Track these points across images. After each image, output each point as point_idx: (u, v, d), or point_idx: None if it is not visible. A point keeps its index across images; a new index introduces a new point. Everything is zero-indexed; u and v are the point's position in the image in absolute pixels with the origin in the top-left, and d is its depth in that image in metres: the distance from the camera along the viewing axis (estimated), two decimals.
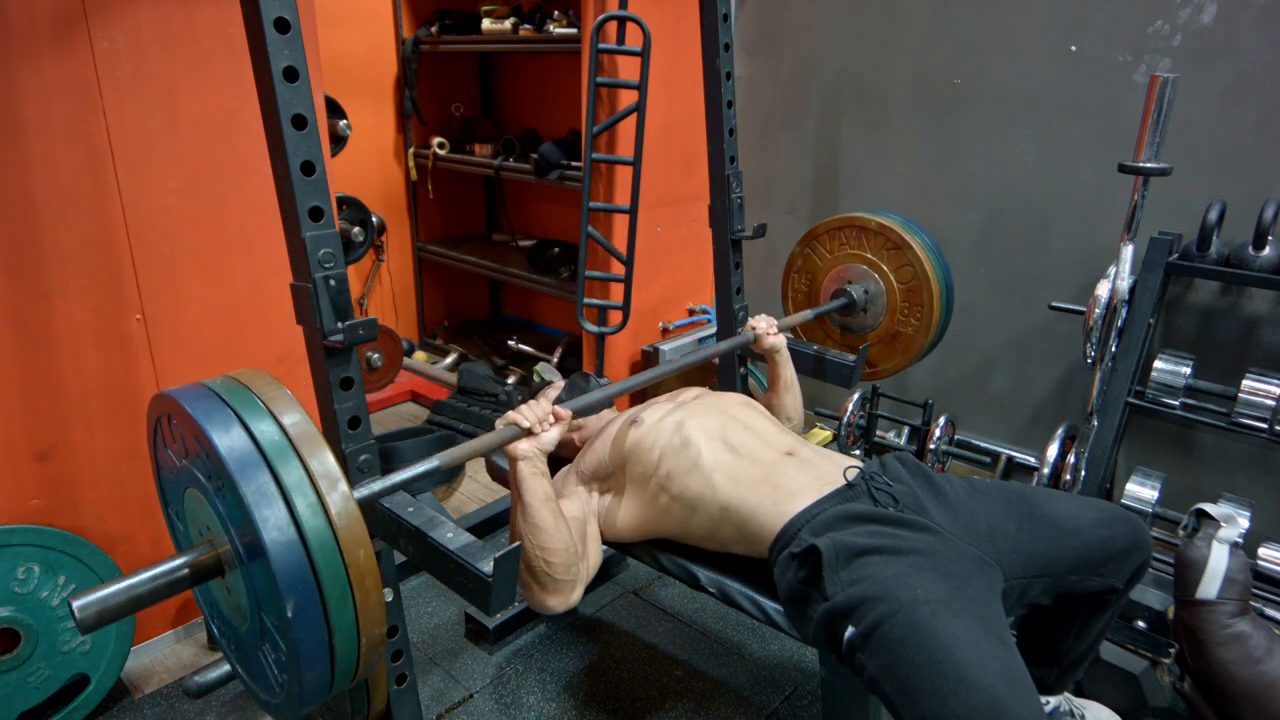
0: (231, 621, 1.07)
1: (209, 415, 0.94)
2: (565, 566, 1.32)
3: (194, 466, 1.00)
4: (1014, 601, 1.31)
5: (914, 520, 1.27)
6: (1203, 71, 2.08)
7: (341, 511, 0.93)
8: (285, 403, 0.99)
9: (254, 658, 1.04)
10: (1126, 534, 1.35)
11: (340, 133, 2.87)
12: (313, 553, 0.90)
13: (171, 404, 0.99)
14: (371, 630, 0.97)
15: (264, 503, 0.89)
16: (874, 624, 1.12)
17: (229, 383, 1.00)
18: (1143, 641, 1.79)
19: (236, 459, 0.90)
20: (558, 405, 1.38)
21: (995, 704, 1.00)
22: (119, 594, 0.93)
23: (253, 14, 1.14)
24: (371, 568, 0.96)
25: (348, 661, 0.96)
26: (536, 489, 1.31)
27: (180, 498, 1.08)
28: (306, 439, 0.96)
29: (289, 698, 0.97)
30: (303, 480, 0.92)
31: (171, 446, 1.06)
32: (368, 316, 1.27)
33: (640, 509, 1.48)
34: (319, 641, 0.92)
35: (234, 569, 0.98)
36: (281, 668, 0.96)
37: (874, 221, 1.94)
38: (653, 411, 1.58)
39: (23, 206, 1.57)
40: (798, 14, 2.83)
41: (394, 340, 3.41)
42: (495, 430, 1.33)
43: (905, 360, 2.03)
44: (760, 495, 1.37)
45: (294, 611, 0.89)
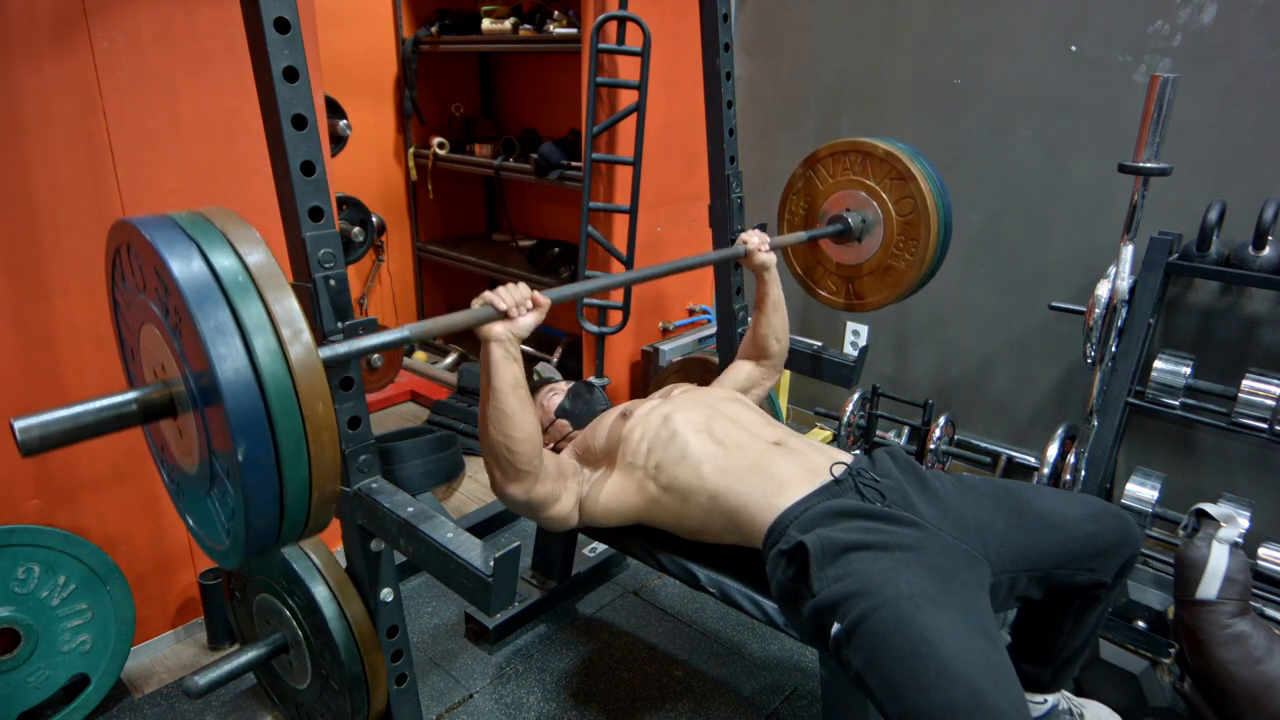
0: (181, 466, 1.03)
1: (169, 244, 0.88)
2: (528, 457, 1.34)
3: (151, 301, 0.94)
4: (1003, 596, 1.31)
5: (901, 515, 1.27)
6: (1203, 71, 2.08)
7: (302, 360, 0.88)
8: (250, 240, 0.93)
9: (202, 504, 1.00)
10: (1115, 528, 1.36)
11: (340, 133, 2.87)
12: (269, 398, 0.85)
13: (131, 232, 0.93)
14: (325, 485, 0.93)
15: (221, 340, 0.84)
16: (858, 619, 1.12)
17: (193, 216, 0.94)
18: (1143, 641, 1.79)
19: (195, 291, 0.85)
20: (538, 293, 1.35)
21: (976, 696, 1.00)
22: (64, 420, 0.89)
23: (253, 14, 1.14)
24: (329, 422, 0.91)
25: (297, 515, 0.93)
26: (506, 373, 1.30)
27: (136, 334, 1.03)
28: (270, 279, 0.90)
29: (235, 544, 0.94)
30: (263, 321, 0.87)
31: (130, 279, 1.00)
32: (368, 316, 1.27)
33: (630, 496, 1.49)
34: (269, 489, 0.88)
35: (186, 410, 0.93)
36: (229, 514, 0.93)
37: (881, 148, 1.89)
38: (642, 406, 1.59)
39: (23, 206, 1.57)
40: (798, 14, 2.83)
41: None
42: (471, 309, 1.30)
43: (893, 295, 1.98)
44: (750, 485, 1.38)
45: (245, 456, 0.85)
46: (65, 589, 1.66)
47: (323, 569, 1.42)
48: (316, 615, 1.40)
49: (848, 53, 2.75)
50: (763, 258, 1.79)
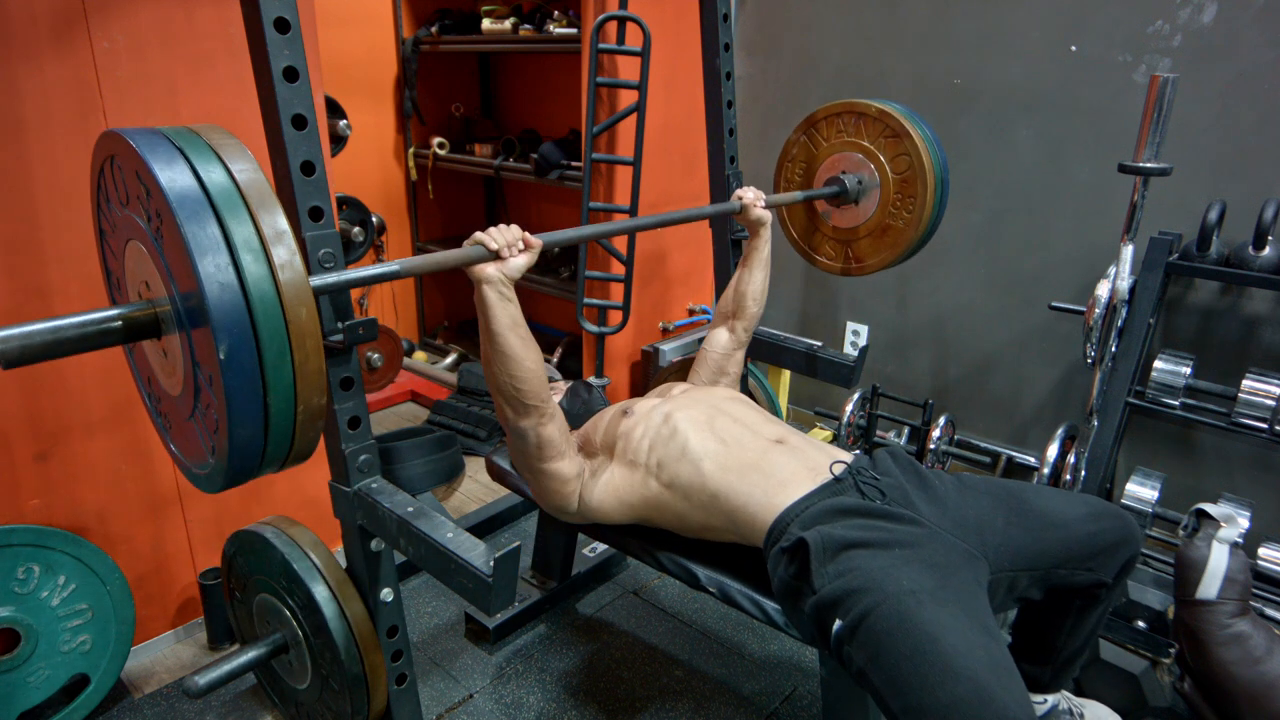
0: (167, 390, 1.02)
1: (155, 153, 0.87)
2: (534, 392, 1.36)
3: (135, 214, 0.94)
4: (1002, 595, 1.31)
5: (901, 513, 1.27)
6: (1203, 71, 2.08)
7: (286, 265, 0.88)
8: (238, 152, 0.93)
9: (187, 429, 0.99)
10: (1115, 528, 1.35)
11: (340, 133, 2.87)
12: (251, 298, 0.85)
13: (118, 142, 0.92)
14: (310, 398, 0.92)
15: (207, 248, 0.83)
16: (860, 616, 1.12)
17: (182, 130, 0.94)
18: (1143, 641, 1.79)
19: (179, 198, 0.85)
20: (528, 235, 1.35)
21: (981, 692, 1.00)
22: (44, 333, 0.88)
23: (253, 14, 1.14)
24: (314, 330, 0.91)
25: (283, 426, 0.92)
26: (502, 314, 1.31)
27: (121, 258, 1.02)
28: (255, 190, 0.90)
29: (218, 461, 0.93)
30: (250, 232, 0.87)
31: (113, 195, 1.00)
32: (368, 316, 1.27)
33: (632, 492, 1.49)
34: (252, 393, 0.87)
35: (171, 328, 0.93)
36: (213, 428, 0.92)
37: (875, 108, 1.89)
38: (643, 404, 1.59)
39: (23, 206, 1.57)
40: (798, 14, 2.83)
41: (394, 340, 3.41)
42: (462, 248, 1.29)
43: (892, 255, 1.98)
44: (751, 484, 1.38)
45: (226, 355, 0.84)
46: (65, 589, 1.66)
47: (323, 569, 1.42)
48: (316, 615, 1.40)
49: (848, 53, 2.75)
50: (759, 212, 1.80)
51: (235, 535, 1.58)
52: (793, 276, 3.07)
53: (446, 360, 3.75)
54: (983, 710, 0.98)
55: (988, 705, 0.99)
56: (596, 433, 1.58)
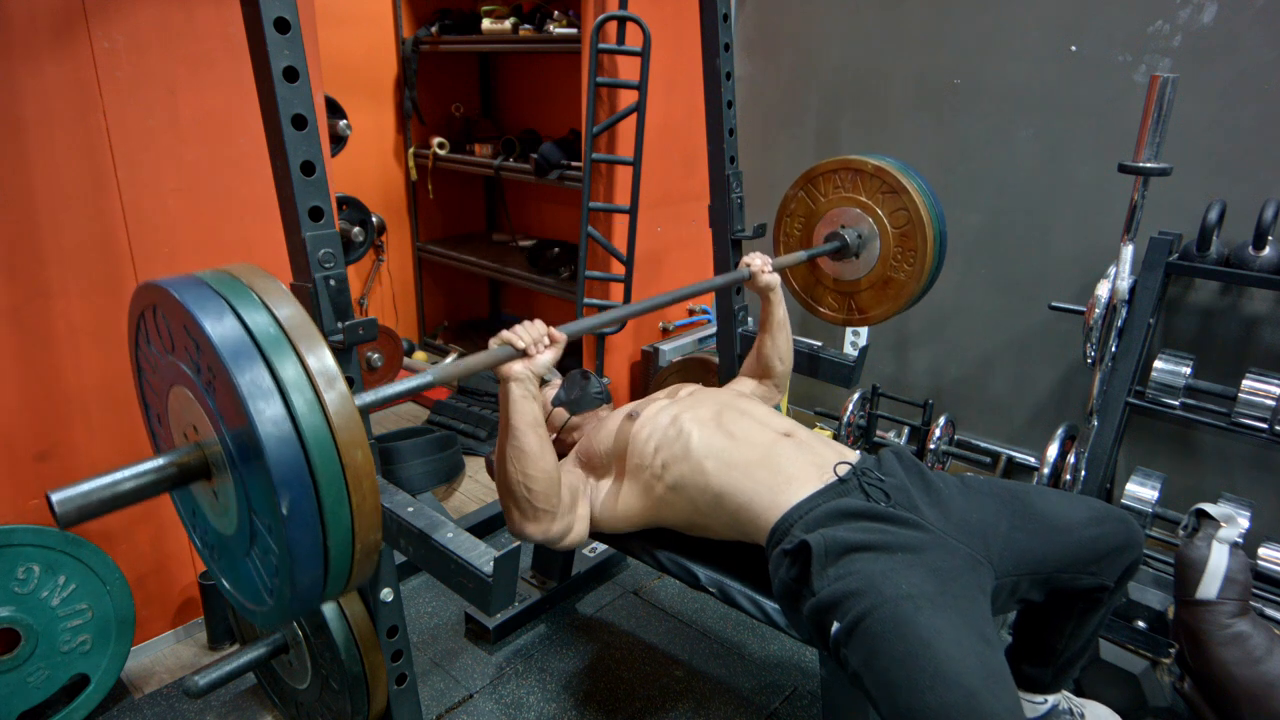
0: (217, 528, 1.03)
1: (200, 303, 0.88)
2: (546, 495, 1.34)
3: (180, 361, 0.95)
4: (1005, 598, 1.31)
5: (905, 517, 1.27)
6: (1203, 71, 2.08)
7: (340, 410, 0.88)
8: (280, 295, 0.93)
9: (241, 566, 1.00)
10: (1118, 532, 1.35)
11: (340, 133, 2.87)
12: (309, 449, 0.85)
13: (159, 293, 0.92)
14: (367, 535, 0.93)
15: (259, 395, 0.84)
16: (857, 618, 1.13)
17: (220, 274, 0.94)
18: (1143, 641, 1.79)
19: (229, 349, 0.85)
20: (554, 329, 1.36)
21: (970, 699, 1.00)
22: (102, 489, 0.89)
23: (253, 14, 1.14)
24: (369, 470, 0.92)
25: (341, 566, 0.92)
26: (526, 412, 1.30)
27: (163, 399, 1.03)
28: (303, 333, 0.90)
29: (279, 603, 0.94)
30: (300, 375, 0.87)
31: (155, 342, 1.00)
32: (368, 316, 1.27)
33: (638, 499, 1.49)
34: (313, 542, 0.88)
35: (222, 470, 0.94)
36: (272, 572, 0.93)
37: (870, 164, 1.92)
38: (650, 406, 1.59)
39: (23, 206, 1.57)
40: (798, 14, 2.83)
41: (394, 340, 3.41)
42: (489, 350, 1.30)
43: (895, 306, 2.00)
44: (756, 481, 1.37)
45: (289, 509, 0.84)
46: (65, 589, 1.66)
47: None
48: (316, 615, 1.40)
49: (848, 53, 2.75)
50: (767, 279, 1.80)
51: None
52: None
53: (446, 360, 3.75)
54: (971, 717, 0.99)
55: (977, 712, 0.99)
56: (602, 443, 1.56)
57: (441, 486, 2.71)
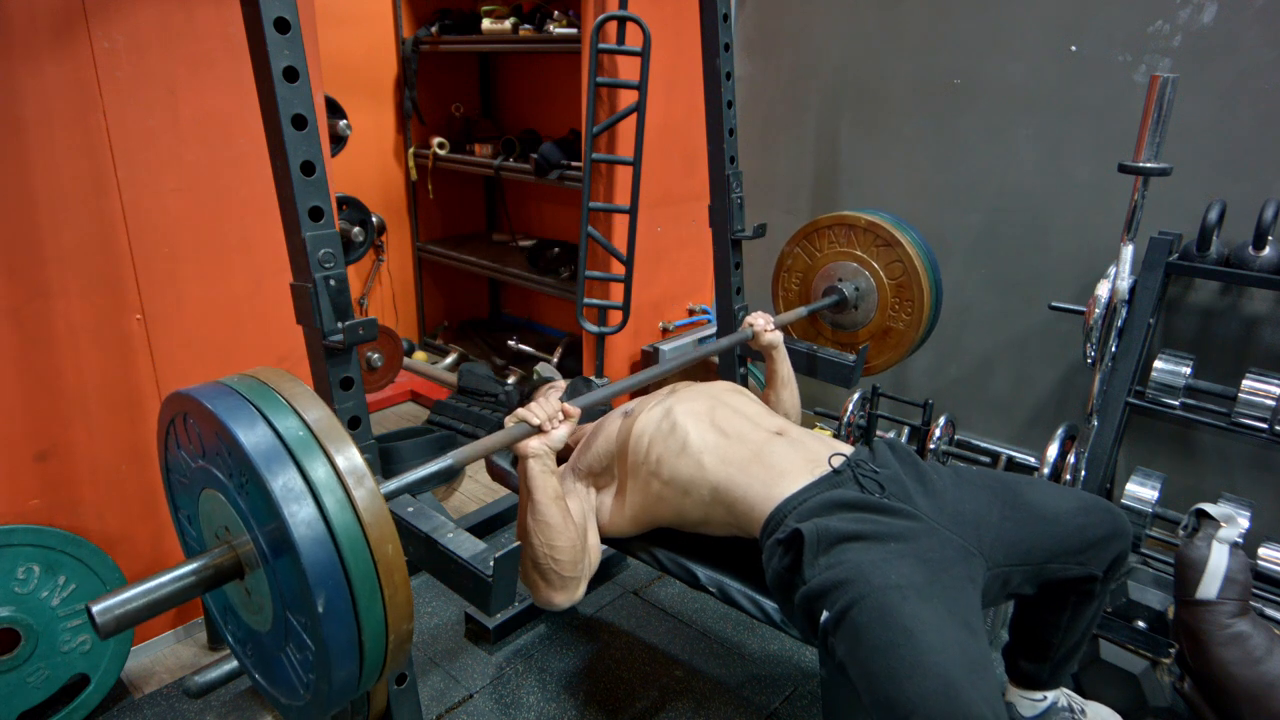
0: (250, 625, 1.06)
1: (231, 411, 0.92)
2: (572, 564, 1.35)
3: (212, 465, 0.98)
4: (996, 591, 1.32)
5: (898, 507, 1.28)
6: (1203, 71, 2.08)
7: (369, 507, 0.92)
8: (307, 399, 0.98)
9: (275, 660, 1.03)
10: (1104, 521, 1.36)
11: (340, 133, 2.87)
12: (342, 549, 0.89)
13: (190, 402, 0.97)
14: (400, 626, 0.96)
15: (292, 498, 0.87)
16: (844, 608, 1.13)
17: (247, 380, 0.99)
18: (1143, 641, 1.79)
19: (262, 454, 0.89)
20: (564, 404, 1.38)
21: (949, 688, 1.00)
22: (139, 597, 0.91)
23: (253, 14, 1.14)
24: (400, 564, 0.95)
25: (376, 658, 0.95)
26: (547, 486, 1.32)
27: (194, 500, 1.07)
28: (331, 434, 0.94)
29: (316, 698, 0.96)
30: (330, 476, 0.91)
31: (186, 447, 1.05)
32: (368, 316, 1.27)
33: (636, 499, 1.49)
34: (349, 639, 0.91)
35: (255, 570, 0.97)
36: (308, 668, 0.95)
37: (863, 219, 1.97)
38: (645, 403, 1.60)
39: (23, 206, 1.57)
40: (798, 14, 2.83)
41: (394, 340, 3.41)
42: (505, 429, 1.33)
43: (897, 356, 2.05)
44: (750, 476, 1.38)
45: (325, 608, 0.87)
46: (65, 589, 1.66)
47: None
48: None
49: (848, 53, 2.74)
50: (769, 338, 1.82)
51: None
52: None
53: (446, 360, 3.75)
54: (949, 706, 0.99)
55: (954, 701, 0.99)
56: (599, 445, 1.57)
57: (441, 486, 2.71)
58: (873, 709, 1.06)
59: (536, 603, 1.39)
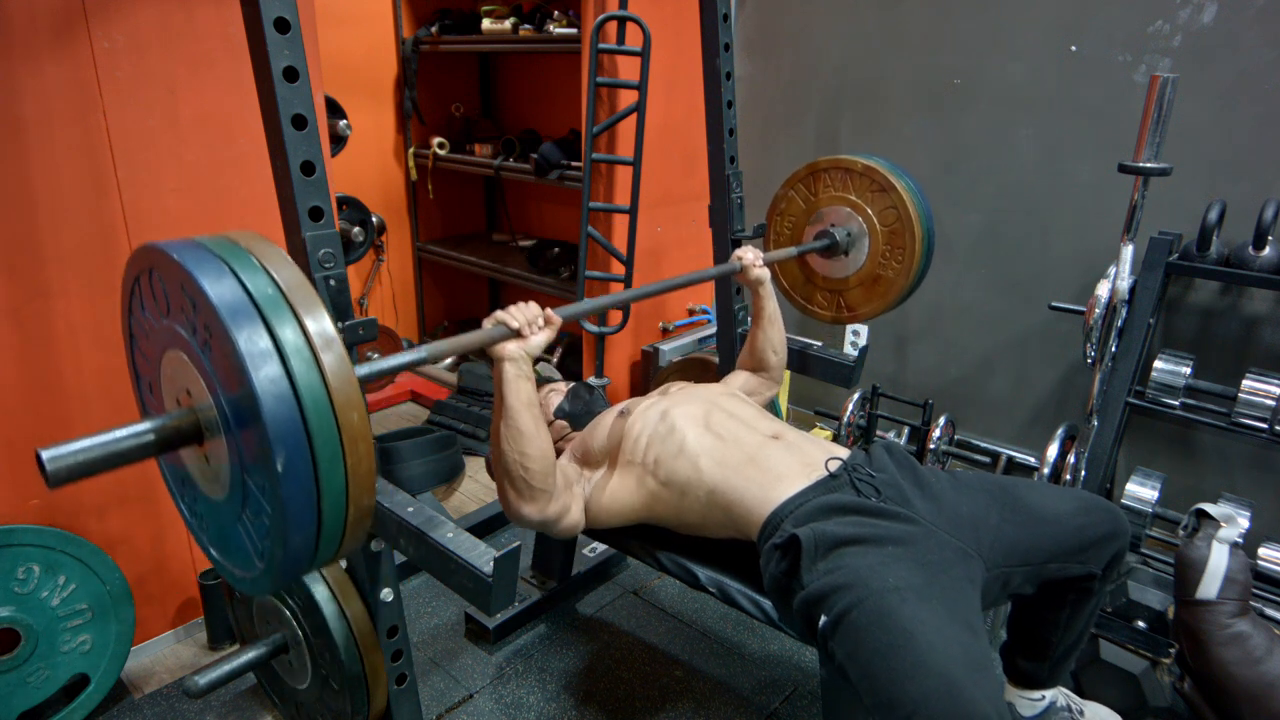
0: (207, 494, 1.03)
1: (199, 264, 0.88)
2: (543, 474, 1.34)
3: (176, 323, 0.95)
4: (996, 592, 1.32)
5: (895, 511, 1.28)
6: (1203, 71, 2.08)
7: (337, 372, 0.89)
8: (279, 259, 0.94)
9: (230, 531, 1.00)
10: (1103, 521, 1.37)
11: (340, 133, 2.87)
12: (305, 407, 0.86)
13: (158, 255, 0.93)
14: (360, 499, 0.93)
15: (257, 354, 0.84)
16: (843, 611, 1.13)
17: (219, 239, 0.95)
18: (1143, 641, 1.79)
19: (229, 307, 0.86)
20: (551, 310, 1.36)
21: (951, 688, 1.00)
22: (94, 449, 0.89)
23: (253, 14, 1.14)
24: (365, 433, 0.92)
25: (334, 527, 0.92)
26: (520, 391, 1.31)
27: (157, 365, 1.03)
28: (302, 296, 0.91)
29: (270, 566, 0.94)
30: (298, 337, 0.88)
31: (151, 305, 1.01)
32: (368, 316, 1.27)
33: (630, 494, 1.49)
34: (307, 500, 0.88)
35: (215, 434, 0.94)
36: (263, 534, 0.93)
37: (860, 163, 1.95)
38: (640, 402, 1.60)
39: (23, 206, 1.57)
40: (798, 14, 2.83)
41: (394, 340, 3.41)
42: (483, 329, 1.30)
43: (883, 304, 2.02)
44: (747, 479, 1.38)
45: (284, 467, 0.84)
46: (65, 589, 1.66)
47: (322, 569, 1.42)
48: (316, 615, 1.40)
49: (848, 53, 2.74)
50: (757, 273, 1.81)
51: None
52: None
53: (446, 360, 3.75)
54: (951, 705, 0.99)
55: (956, 700, 0.99)
56: (596, 439, 1.57)
57: (441, 486, 2.71)
58: (874, 710, 1.07)
59: (507, 515, 1.39)
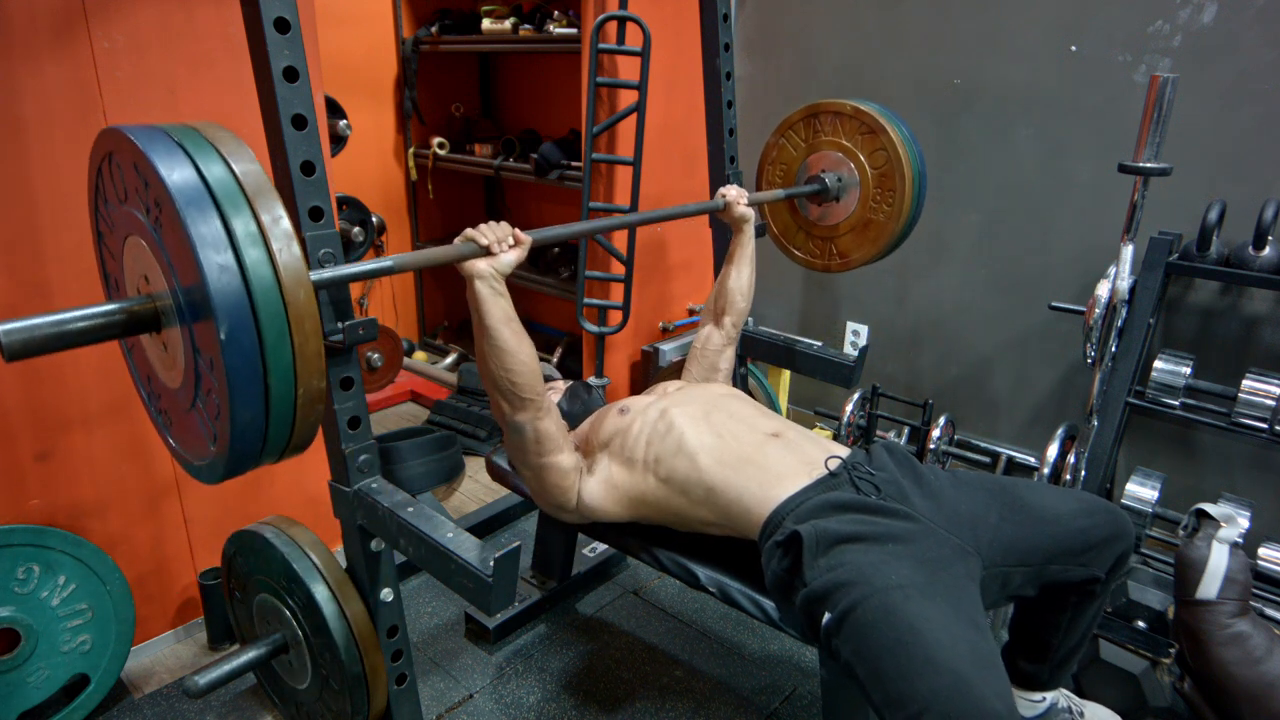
0: (165, 382, 1.04)
1: (153, 144, 0.90)
2: (529, 385, 1.38)
3: (134, 208, 0.95)
4: (996, 591, 1.32)
5: (895, 508, 1.28)
6: (1203, 71, 2.08)
7: (284, 250, 0.90)
8: (234, 145, 0.94)
9: (187, 420, 1.01)
10: (1107, 523, 1.36)
11: (340, 133, 2.87)
12: (251, 284, 0.87)
13: (116, 138, 0.94)
14: (309, 380, 0.94)
15: (206, 234, 0.85)
16: (848, 609, 1.13)
17: (181, 126, 0.96)
18: (1143, 641, 1.79)
19: (177, 186, 0.87)
20: (518, 230, 1.38)
21: (960, 683, 1.00)
22: (48, 326, 0.92)
23: (253, 14, 1.14)
24: (312, 313, 0.93)
25: (283, 410, 0.93)
26: (495, 308, 1.34)
27: (120, 256, 1.04)
28: (255, 182, 0.92)
29: (219, 450, 0.94)
30: (248, 217, 0.89)
31: (113, 192, 1.01)
32: (368, 316, 1.27)
33: (629, 491, 1.49)
34: (253, 375, 0.89)
35: (172, 322, 0.95)
36: (215, 415, 0.93)
37: (849, 106, 1.94)
38: (639, 401, 1.60)
39: (23, 206, 1.57)
40: (798, 14, 2.83)
41: (394, 340, 3.41)
42: (453, 245, 1.32)
43: (875, 249, 2.01)
44: (746, 478, 1.38)
45: (226, 336, 0.85)
46: (65, 589, 1.66)
47: (323, 569, 1.42)
48: (316, 615, 1.40)
49: (848, 53, 2.75)
50: (741, 209, 1.83)
51: (235, 535, 1.58)
52: (793, 277, 3.07)
53: (446, 360, 3.75)
54: (961, 701, 0.99)
55: (966, 696, 0.99)
56: (595, 433, 1.58)
57: (441, 486, 2.71)
58: (882, 708, 1.06)
59: (501, 424, 1.44)
